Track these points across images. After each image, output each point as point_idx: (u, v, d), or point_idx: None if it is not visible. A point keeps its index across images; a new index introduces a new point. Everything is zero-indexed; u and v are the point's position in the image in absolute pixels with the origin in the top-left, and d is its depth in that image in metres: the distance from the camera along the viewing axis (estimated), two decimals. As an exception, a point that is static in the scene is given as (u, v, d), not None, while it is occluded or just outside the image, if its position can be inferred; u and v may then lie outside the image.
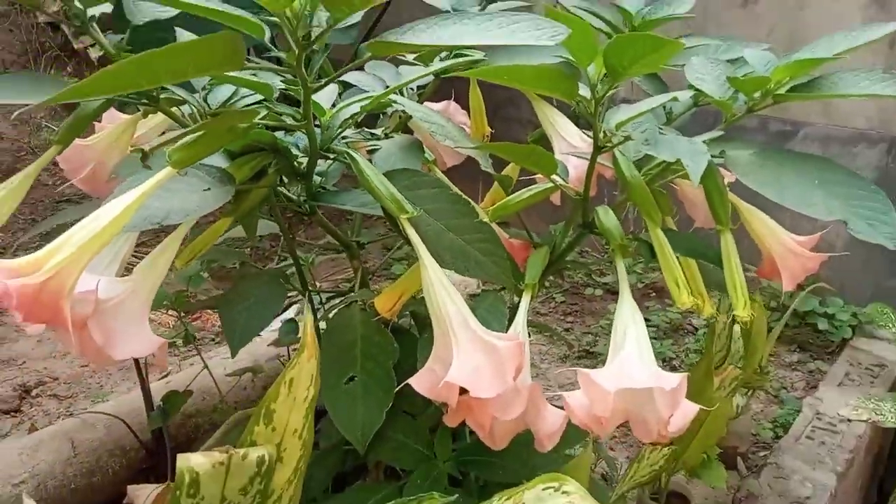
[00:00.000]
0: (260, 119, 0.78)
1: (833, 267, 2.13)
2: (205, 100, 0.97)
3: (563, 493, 0.58)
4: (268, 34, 0.71)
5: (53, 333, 0.83)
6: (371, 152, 1.05)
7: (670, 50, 0.73)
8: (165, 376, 1.55)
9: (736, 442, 1.52)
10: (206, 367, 1.30)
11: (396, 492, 1.00)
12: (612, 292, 2.31)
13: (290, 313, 1.57)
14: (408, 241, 0.83)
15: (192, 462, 0.54)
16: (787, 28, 2.01)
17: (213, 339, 2.02)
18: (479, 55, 1.20)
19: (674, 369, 1.88)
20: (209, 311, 2.04)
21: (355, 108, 0.91)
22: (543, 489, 0.59)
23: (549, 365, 1.90)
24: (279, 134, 0.92)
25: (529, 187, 1.01)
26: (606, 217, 0.92)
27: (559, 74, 0.81)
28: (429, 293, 0.82)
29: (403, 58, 1.12)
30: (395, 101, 1.03)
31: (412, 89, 1.24)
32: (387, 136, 1.15)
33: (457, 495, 0.67)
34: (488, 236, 0.87)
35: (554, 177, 0.96)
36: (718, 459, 1.30)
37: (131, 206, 0.70)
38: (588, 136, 0.96)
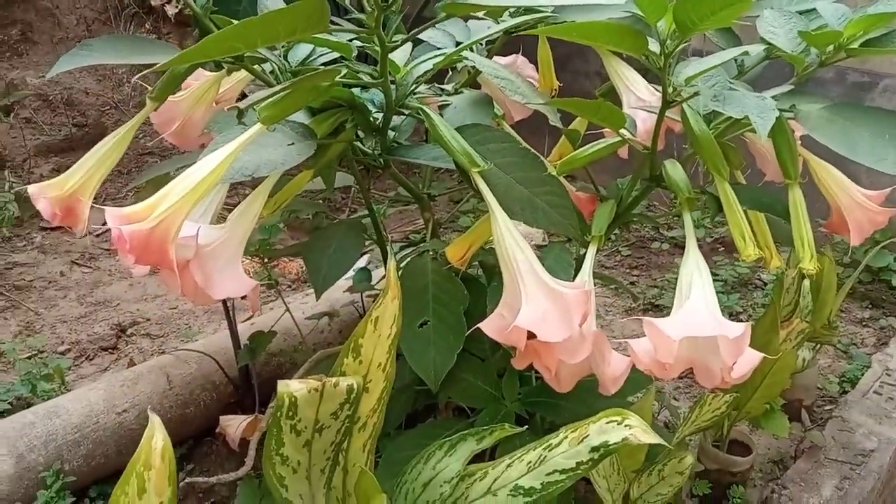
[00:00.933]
0: (340, 77, 0.83)
1: (912, 222, 2.07)
2: (285, 57, 1.02)
3: (626, 426, 0.63)
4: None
5: (148, 277, 0.91)
6: (442, 107, 1.09)
7: (741, 6, 0.74)
8: (249, 318, 1.65)
9: (801, 395, 1.53)
10: (287, 310, 1.39)
11: (467, 428, 1.06)
12: (679, 246, 2.30)
13: (362, 262, 1.64)
14: (479, 194, 0.88)
15: (291, 388, 0.61)
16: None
17: (289, 286, 2.12)
18: (547, 11, 1.22)
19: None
20: (287, 259, 2.14)
21: (428, 65, 0.94)
22: (607, 422, 0.64)
23: (613, 317, 1.92)
24: (356, 91, 0.96)
25: (597, 141, 1.03)
26: (674, 170, 0.94)
27: (628, 30, 0.83)
28: (499, 243, 0.87)
29: (473, 13, 1.15)
30: (465, 58, 1.07)
31: (481, 45, 1.27)
32: (457, 92, 1.19)
33: (526, 427, 0.72)
34: (555, 189, 0.91)
35: (622, 131, 0.98)
36: (782, 411, 1.32)
37: (227, 159, 0.77)
38: (657, 89, 0.98)
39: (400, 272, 1.12)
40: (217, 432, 1.28)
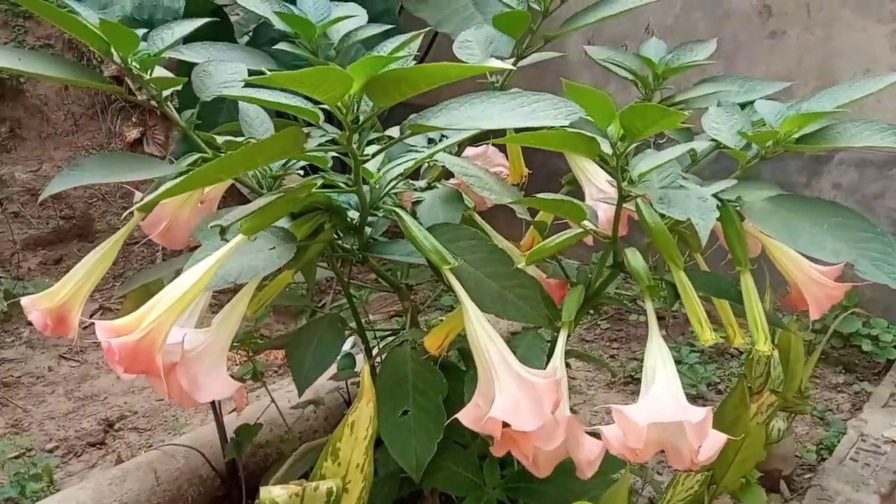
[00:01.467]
0: (317, 189, 0.89)
1: (877, 289, 2.14)
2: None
3: (589, 518, 0.66)
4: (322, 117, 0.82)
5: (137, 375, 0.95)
6: (416, 202, 1.15)
7: (676, 117, 0.81)
8: (235, 409, 1.67)
9: (779, 465, 1.55)
10: (273, 401, 1.41)
11: (449, 517, 1.09)
12: (658, 318, 2.35)
13: (347, 346, 1.68)
14: (451, 289, 0.93)
15: (273, 494, 0.64)
16: (816, 57, 2.05)
17: (276, 372, 2.15)
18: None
19: (719, 393, 1.92)
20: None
21: (399, 170, 1.01)
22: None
23: (595, 391, 1.96)
24: (333, 195, 1.02)
25: (563, 232, 1.09)
26: (635, 259, 1.00)
27: (581, 137, 0.90)
28: (471, 336, 0.91)
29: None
30: (435, 160, 1.14)
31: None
32: (430, 187, 1.26)
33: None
34: (523, 282, 0.96)
35: (585, 222, 1.05)
36: (761, 483, 1.34)
37: (209, 270, 0.82)
38: (617, 181, 1.05)
39: (380, 362, 1.16)
40: (204, 528, 1.29)
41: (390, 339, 1.22)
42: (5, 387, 2.01)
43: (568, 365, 1.60)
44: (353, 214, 1.05)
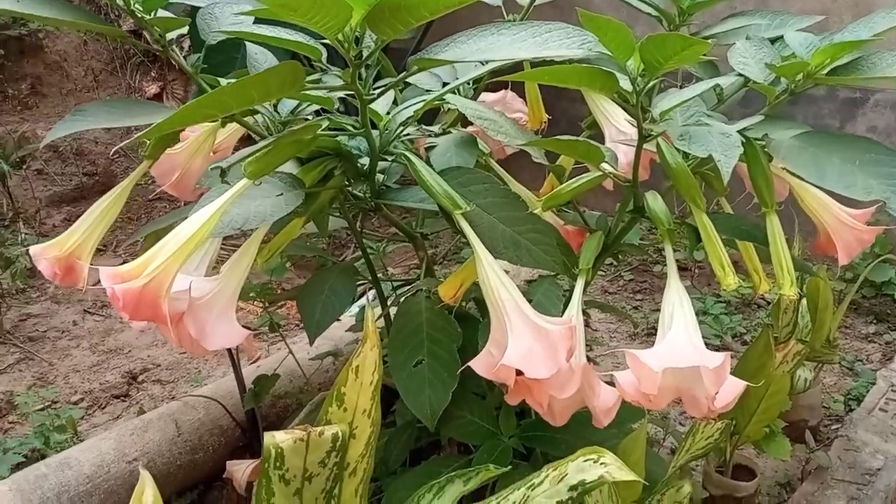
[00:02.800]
0: (322, 130, 0.86)
1: (913, 236, 2.07)
2: (275, 109, 1.06)
3: (602, 464, 0.64)
4: (325, 54, 0.78)
5: (155, 326, 0.94)
6: (429, 149, 1.12)
7: (699, 48, 0.77)
8: (255, 361, 1.68)
9: (806, 415, 1.52)
10: (290, 352, 1.41)
11: (466, 465, 1.08)
12: (684, 269, 2.31)
13: (365, 299, 1.67)
14: (463, 235, 0.90)
15: (277, 439, 0.63)
16: (855, -8, 1.95)
17: (297, 325, 2.15)
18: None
19: (744, 344, 1.88)
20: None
21: (409, 111, 0.97)
22: (584, 461, 0.66)
23: (618, 342, 1.93)
24: (342, 139, 0.99)
25: (581, 176, 1.06)
26: (655, 202, 0.96)
27: (598, 72, 0.86)
28: (484, 282, 0.89)
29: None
30: (446, 101, 1.10)
31: (468, 83, 1.30)
32: (445, 132, 1.22)
33: (509, 466, 0.74)
34: (538, 226, 0.93)
35: (604, 165, 1.01)
36: (786, 433, 1.32)
37: (214, 215, 0.80)
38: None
39: (396, 311, 1.14)
40: (224, 477, 1.30)
41: (406, 289, 1.20)
42: (31, 341, 2.04)
43: (588, 315, 1.57)
44: (365, 161, 1.02)
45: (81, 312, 2.21)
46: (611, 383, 0.93)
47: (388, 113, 0.99)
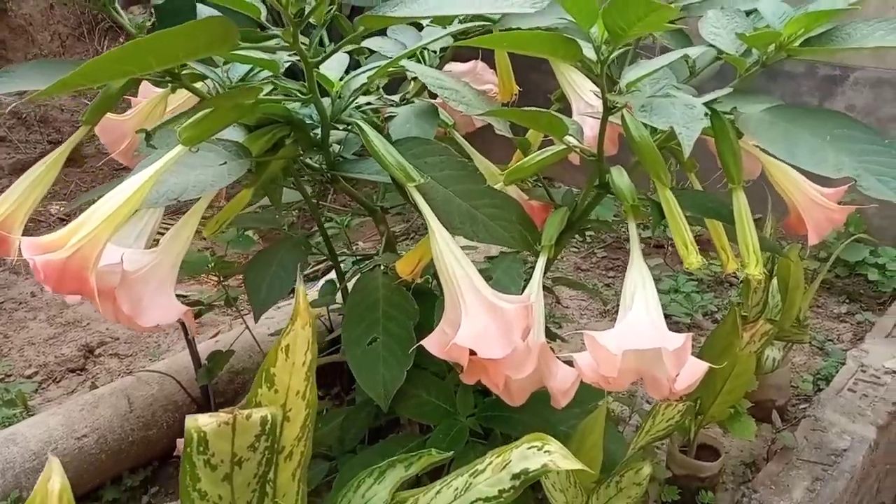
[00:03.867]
0: (266, 94, 0.81)
1: (886, 216, 2.05)
2: (226, 74, 1.00)
3: (546, 452, 0.61)
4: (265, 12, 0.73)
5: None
6: (389, 118, 1.07)
7: (664, 13, 0.72)
8: (215, 335, 1.63)
9: (773, 395, 1.51)
10: (247, 327, 1.37)
11: (422, 445, 1.04)
12: (657, 246, 2.28)
13: (333, 275, 1.62)
14: (416, 209, 0.86)
15: (200, 422, 0.58)
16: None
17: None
18: (495, 18, 1.20)
19: (715, 322, 1.86)
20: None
21: (363, 78, 0.92)
22: (528, 448, 0.62)
23: (588, 320, 1.90)
24: (295, 106, 0.94)
25: (543, 150, 1.01)
26: (620, 178, 0.92)
27: (559, 38, 0.81)
28: (437, 258, 0.85)
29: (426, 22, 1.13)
30: (405, 68, 1.05)
31: (434, 52, 1.25)
32: (407, 102, 1.17)
33: (453, 452, 0.70)
34: (496, 201, 0.89)
35: (568, 138, 0.96)
36: (752, 413, 1.30)
37: (145, 184, 0.75)
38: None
39: (351, 287, 1.10)
40: (175, 454, 1.26)
41: (365, 264, 1.16)
42: (-12, 313, 1.98)
43: (550, 292, 1.54)
44: (319, 130, 0.97)
45: (40, 284, 2.14)
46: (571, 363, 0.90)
47: (341, 80, 0.94)
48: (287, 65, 0.87)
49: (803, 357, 1.73)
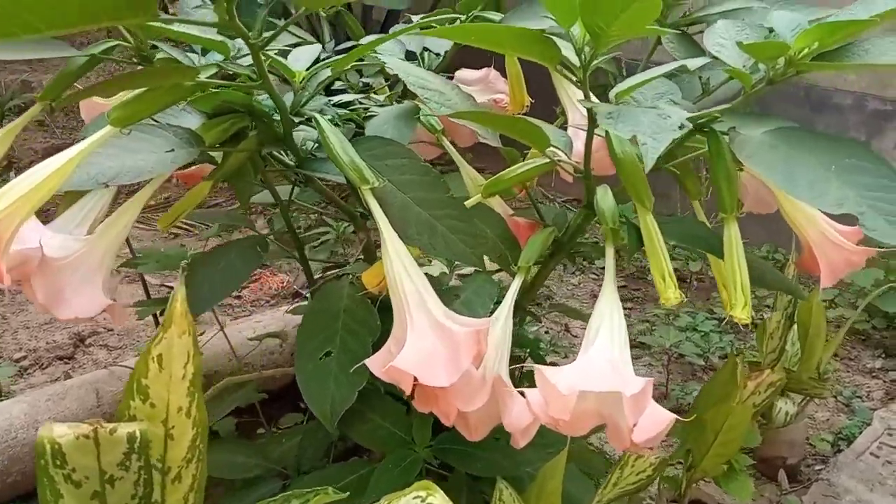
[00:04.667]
0: (209, 77, 0.75)
1: (936, 264, 1.89)
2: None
3: (431, 504, 0.52)
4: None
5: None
6: (368, 118, 1.00)
7: (647, 8, 0.63)
8: (201, 334, 1.58)
9: (785, 452, 1.37)
10: (221, 329, 1.31)
11: (370, 474, 0.96)
12: (680, 280, 2.15)
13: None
14: (370, 213, 0.78)
15: (55, 433, 0.52)
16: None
17: (267, 302, 2.05)
18: (497, 17, 1.13)
19: (734, 366, 1.73)
20: (269, 272, 2.07)
21: (328, 72, 0.86)
22: (413, 497, 0.53)
23: (596, 352, 1.79)
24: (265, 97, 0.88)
25: (525, 162, 0.93)
26: (604, 198, 0.84)
27: (534, 36, 0.73)
28: (387, 269, 0.77)
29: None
30: (384, 63, 0.98)
31: (438, 55, 1.18)
32: (397, 102, 1.10)
33: (348, 493, 0.62)
34: (459, 212, 0.81)
35: (553, 150, 0.88)
36: (760, 470, 1.18)
37: (66, 165, 0.69)
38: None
39: (315, 296, 1.03)
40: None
41: (333, 272, 1.09)
42: (-8, 293, 1.97)
43: (537, 318, 1.43)
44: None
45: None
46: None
47: (308, 70, 0.87)
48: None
49: (826, 413, 1.58)
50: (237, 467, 1.10)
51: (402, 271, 0.76)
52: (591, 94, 0.79)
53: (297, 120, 0.84)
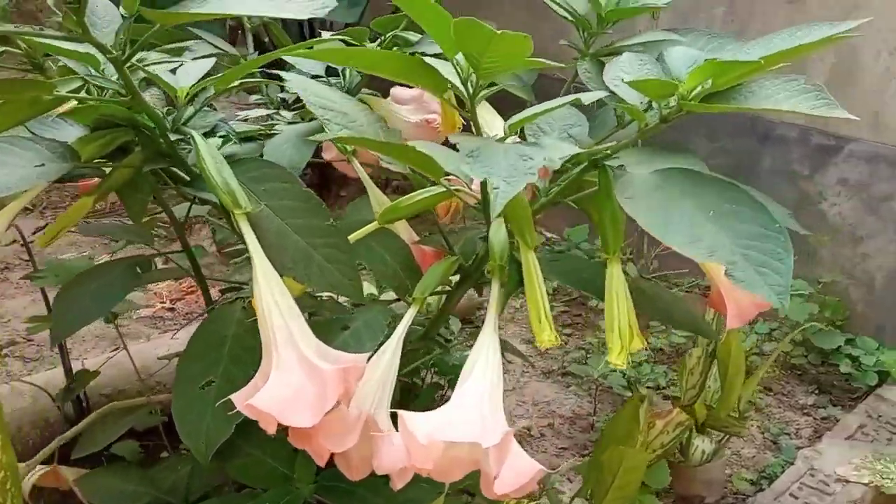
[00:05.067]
0: (71, 91, 0.71)
1: (870, 303, 1.89)
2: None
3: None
4: None
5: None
6: (269, 136, 0.97)
7: (517, 43, 0.61)
8: (116, 351, 1.53)
9: (703, 491, 1.35)
10: (124, 346, 1.26)
11: (254, 508, 0.92)
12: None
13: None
14: (241, 239, 0.74)
15: None
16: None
17: (201, 315, 2.00)
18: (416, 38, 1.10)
19: (665, 399, 1.71)
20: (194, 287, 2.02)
21: (211, 89, 0.82)
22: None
23: (528, 379, 1.77)
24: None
25: (422, 190, 0.90)
26: (496, 233, 0.81)
27: (415, 63, 0.70)
28: (257, 299, 0.73)
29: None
30: (287, 83, 0.95)
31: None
32: (309, 121, 1.07)
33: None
34: (338, 241, 0.77)
35: (453, 180, 0.85)
36: (674, 509, 1.15)
37: None
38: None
39: (205, 320, 0.99)
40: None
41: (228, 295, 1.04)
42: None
43: (445, 349, 1.39)
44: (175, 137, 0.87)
45: (-24, 271, 2.07)
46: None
47: (193, 85, 0.83)
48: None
49: (753, 450, 1.56)
50: (126, 496, 1.05)
51: (270, 301, 0.73)
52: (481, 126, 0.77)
53: (174, 137, 0.80)
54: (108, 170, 0.86)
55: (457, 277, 0.95)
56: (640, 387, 1.71)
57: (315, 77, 1.08)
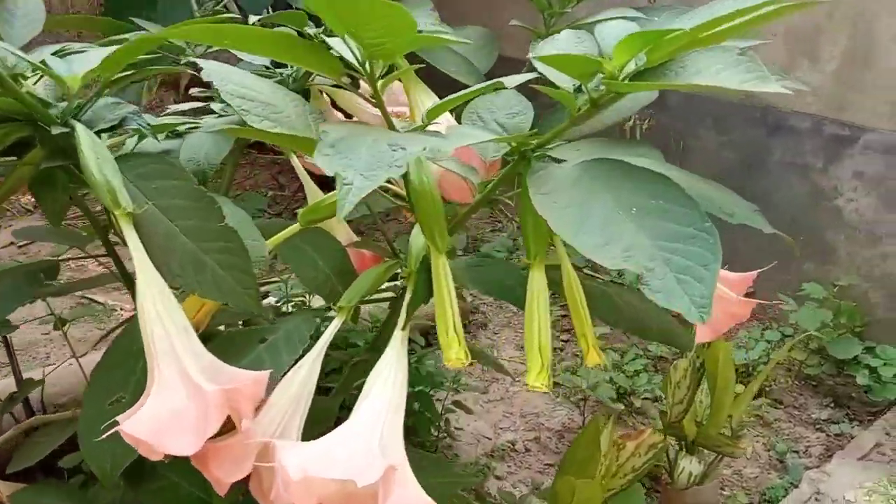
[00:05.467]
0: None
1: (893, 308, 1.75)
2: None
3: None
4: None
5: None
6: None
7: (398, 15, 0.52)
8: (84, 355, 1.48)
9: (693, 514, 1.24)
10: (73, 354, 1.20)
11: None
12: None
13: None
14: (123, 241, 0.67)
15: None
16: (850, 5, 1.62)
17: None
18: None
19: (665, 413, 1.59)
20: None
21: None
22: None
23: (518, 388, 1.67)
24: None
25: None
26: (414, 239, 0.73)
27: (295, 42, 0.62)
28: (139, 309, 0.66)
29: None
30: (203, 71, 0.87)
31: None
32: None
33: None
34: (233, 246, 0.69)
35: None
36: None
37: None
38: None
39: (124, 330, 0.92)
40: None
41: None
42: None
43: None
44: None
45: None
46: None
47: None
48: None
49: (756, 469, 1.44)
50: (59, 516, 0.99)
51: (151, 311, 0.66)
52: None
53: (56, 131, 0.73)
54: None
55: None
56: (634, 399, 1.60)
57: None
